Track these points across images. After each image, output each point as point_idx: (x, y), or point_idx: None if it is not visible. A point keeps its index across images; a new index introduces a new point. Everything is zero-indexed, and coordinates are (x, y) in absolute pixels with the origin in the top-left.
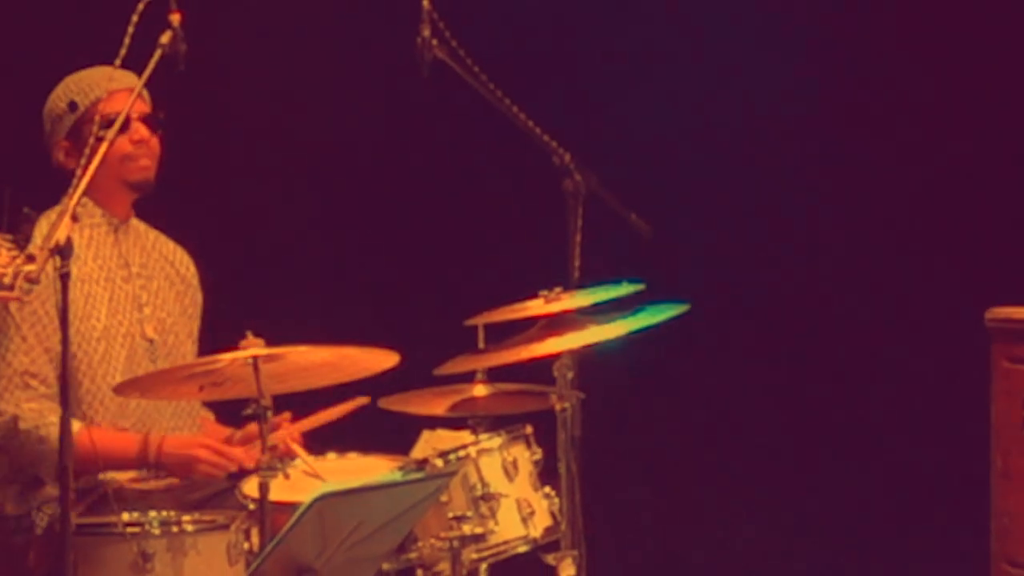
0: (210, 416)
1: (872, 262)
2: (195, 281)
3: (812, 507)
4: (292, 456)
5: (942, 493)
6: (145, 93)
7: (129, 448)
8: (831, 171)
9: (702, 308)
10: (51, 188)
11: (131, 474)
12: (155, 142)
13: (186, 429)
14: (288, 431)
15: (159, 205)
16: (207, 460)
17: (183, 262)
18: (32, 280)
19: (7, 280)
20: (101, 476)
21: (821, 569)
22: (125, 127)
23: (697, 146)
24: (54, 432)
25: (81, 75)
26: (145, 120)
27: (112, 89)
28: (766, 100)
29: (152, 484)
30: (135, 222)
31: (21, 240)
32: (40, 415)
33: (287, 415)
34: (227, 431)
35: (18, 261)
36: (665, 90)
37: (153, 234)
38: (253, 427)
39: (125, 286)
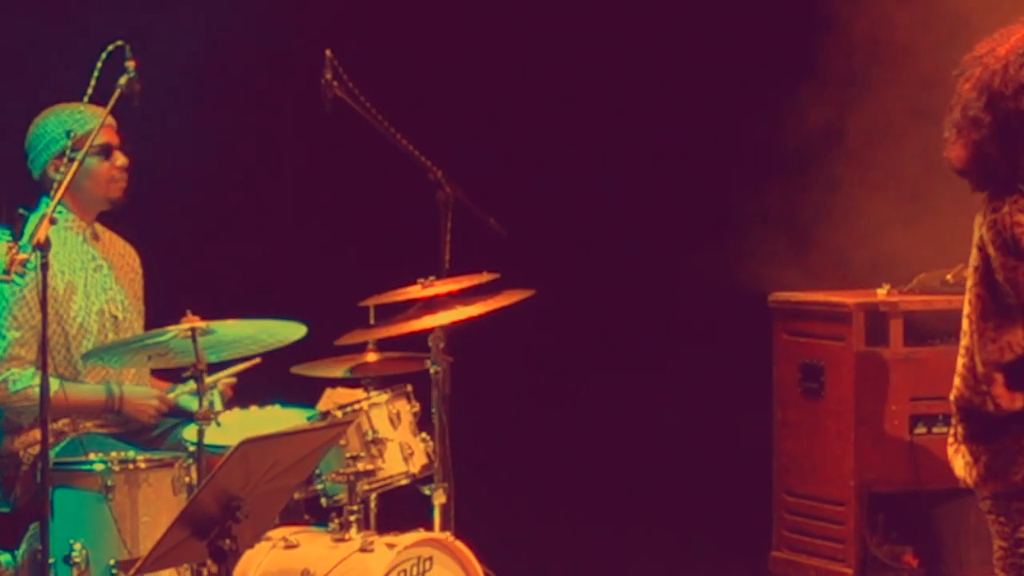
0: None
1: (675, 257)
2: (140, 271)
3: (633, 440)
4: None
5: (735, 438)
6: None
7: (98, 398)
8: (642, 172)
9: (543, 292)
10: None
11: (98, 421)
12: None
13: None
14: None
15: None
16: (157, 407)
17: (132, 256)
18: (23, 267)
19: (4, 266)
20: (74, 423)
21: (646, 491)
22: (108, 155)
23: (544, 163)
24: (36, 391)
25: (73, 108)
26: (121, 149)
27: (103, 124)
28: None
29: (114, 429)
30: (97, 226)
31: (16, 235)
32: (25, 378)
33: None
34: (167, 384)
35: (13, 251)
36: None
37: (109, 234)
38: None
39: (95, 275)
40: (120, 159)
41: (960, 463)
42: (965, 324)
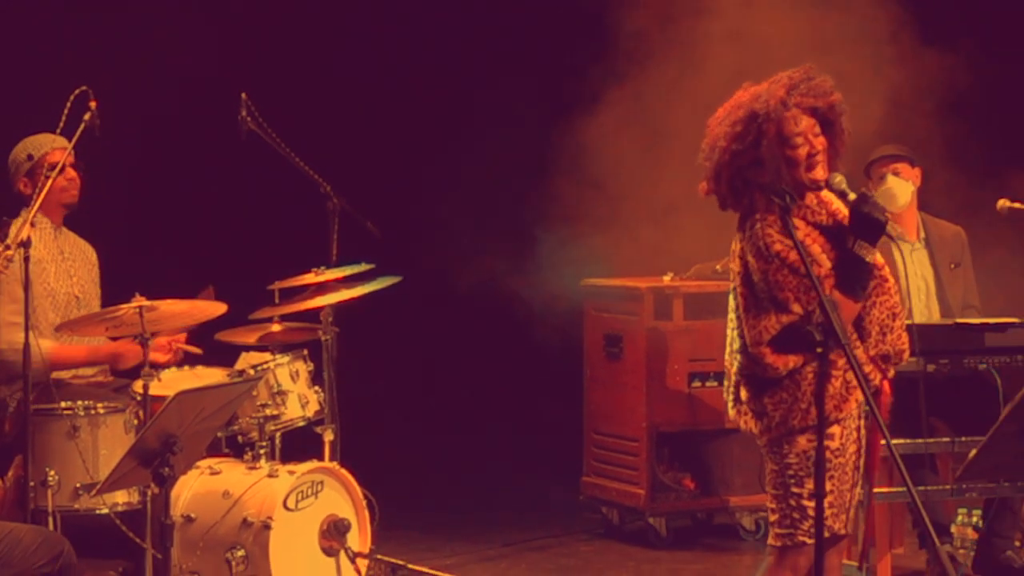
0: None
1: (510, 249)
2: (95, 261)
3: (478, 390)
4: (165, 365)
5: (556, 390)
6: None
7: (84, 352)
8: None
9: (408, 278)
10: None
11: (70, 373)
12: (78, 180)
13: None
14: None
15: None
16: (129, 353)
17: (90, 252)
18: (9, 261)
19: None
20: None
21: (489, 431)
22: (62, 170)
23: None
24: (50, 356)
25: (35, 137)
26: (73, 166)
27: (54, 147)
28: None
29: (82, 381)
30: (64, 228)
31: (2, 236)
32: (13, 343)
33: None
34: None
35: (0, 249)
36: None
37: (73, 236)
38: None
39: (63, 264)
40: (69, 173)
41: (743, 419)
42: (732, 315)
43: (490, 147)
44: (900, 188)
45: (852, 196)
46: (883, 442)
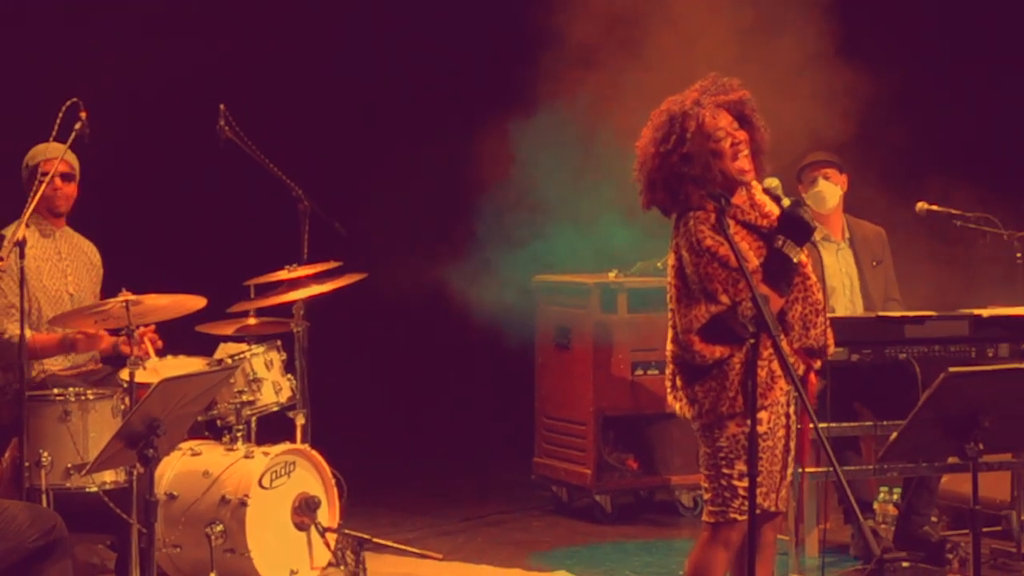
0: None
1: (469, 248)
2: (98, 260)
3: (438, 377)
4: (148, 356)
5: (510, 378)
6: (72, 158)
7: (56, 339)
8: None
9: (372, 275)
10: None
11: (62, 365)
12: (69, 188)
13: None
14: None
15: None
16: (93, 339)
17: (92, 250)
18: (3, 260)
19: None
20: (43, 367)
21: (449, 416)
22: (51, 180)
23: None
24: (17, 341)
25: (36, 147)
26: (64, 176)
27: (47, 157)
28: None
29: (72, 372)
30: (67, 229)
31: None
32: (10, 331)
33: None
34: (116, 338)
35: None
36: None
37: (77, 236)
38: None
39: (58, 264)
40: (56, 183)
41: (679, 404)
42: (670, 305)
43: (450, 154)
44: (829, 191)
45: (786, 201)
46: (811, 426)
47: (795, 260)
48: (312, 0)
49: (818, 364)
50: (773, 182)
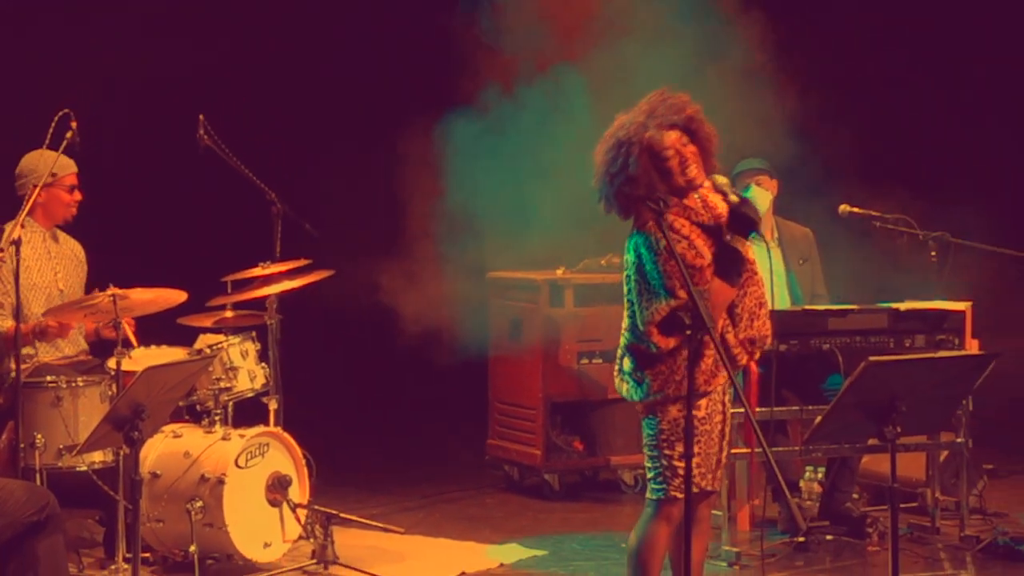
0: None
1: (427, 246)
2: (84, 259)
3: (401, 367)
4: (133, 345)
5: (467, 367)
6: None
7: (28, 328)
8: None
9: (340, 272)
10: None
11: (53, 356)
12: (65, 198)
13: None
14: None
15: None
16: (59, 327)
17: (78, 249)
18: (2, 251)
19: None
20: (37, 357)
21: (409, 403)
22: (43, 189)
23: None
24: (11, 334)
25: (30, 157)
26: (51, 186)
27: (73, 171)
28: None
29: (63, 361)
30: (58, 231)
31: None
32: (4, 325)
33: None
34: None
35: None
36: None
37: (64, 235)
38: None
39: (48, 263)
40: (77, 194)
41: (625, 388)
42: (628, 297)
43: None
44: (760, 197)
45: (733, 198)
46: (743, 411)
47: (742, 252)
48: (310, 1)
49: (758, 354)
50: (722, 179)
